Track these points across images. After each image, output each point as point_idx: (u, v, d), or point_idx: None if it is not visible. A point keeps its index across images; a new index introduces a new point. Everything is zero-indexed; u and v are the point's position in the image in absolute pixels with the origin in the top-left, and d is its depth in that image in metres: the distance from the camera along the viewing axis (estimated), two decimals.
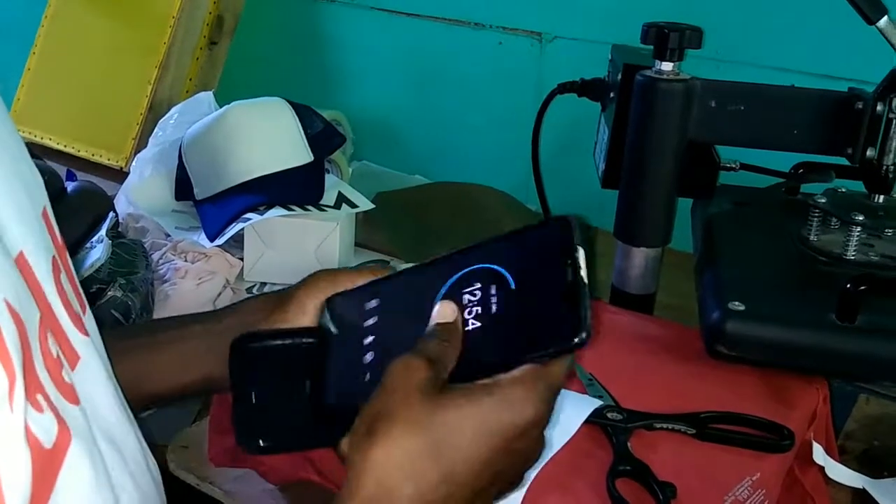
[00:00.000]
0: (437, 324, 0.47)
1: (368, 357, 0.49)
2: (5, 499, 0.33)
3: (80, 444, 0.39)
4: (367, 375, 0.48)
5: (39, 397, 0.37)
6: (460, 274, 0.49)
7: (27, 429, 0.35)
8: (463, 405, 0.44)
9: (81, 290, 0.46)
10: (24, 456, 0.35)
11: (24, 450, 0.35)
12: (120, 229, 1.12)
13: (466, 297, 0.48)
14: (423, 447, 0.43)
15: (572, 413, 0.67)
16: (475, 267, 0.48)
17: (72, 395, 0.41)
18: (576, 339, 0.43)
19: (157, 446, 0.75)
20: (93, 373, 0.44)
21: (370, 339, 0.50)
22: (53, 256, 0.43)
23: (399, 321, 0.50)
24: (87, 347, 0.44)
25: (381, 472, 0.43)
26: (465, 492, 0.45)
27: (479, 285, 0.48)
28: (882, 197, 0.85)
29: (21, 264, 0.39)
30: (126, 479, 0.45)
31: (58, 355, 0.40)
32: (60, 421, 0.38)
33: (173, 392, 0.59)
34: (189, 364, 0.58)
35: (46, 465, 0.37)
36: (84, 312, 0.45)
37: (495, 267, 0.48)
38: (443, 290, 0.48)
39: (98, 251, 0.95)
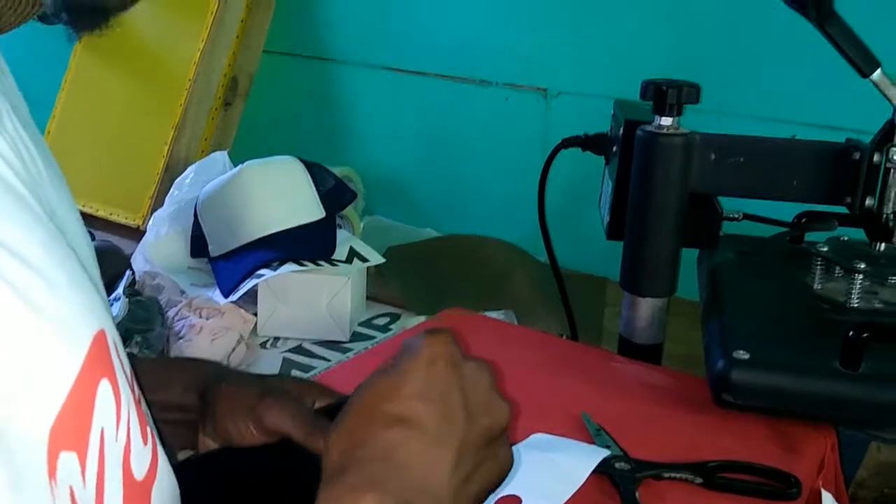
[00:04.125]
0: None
1: None
2: None
3: (158, 481, 0.42)
4: None
5: (148, 429, 0.40)
6: None
7: (125, 458, 0.37)
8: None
9: None
10: (119, 485, 0.37)
11: (119, 479, 0.37)
12: (137, 287, 1.14)
13: None
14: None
15: (580, 463, 0.68)
16: None
17: (144, 434, 0.43)
18: None
19: None
20: (149, 416, 0.46)
21: None
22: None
23: None
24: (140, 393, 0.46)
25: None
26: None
27: None
28: (884, 245, 0.86)
29: None
30: None
31: (138, 394, 0.43)
32: (154, 455, 0.41)
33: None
34: (180, 385, 0.62)
35: (141, 498, 0.39)
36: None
37: None
38: None
39: (115, 309, 0.97)
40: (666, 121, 0.86)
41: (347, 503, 0.42)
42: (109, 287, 1.06)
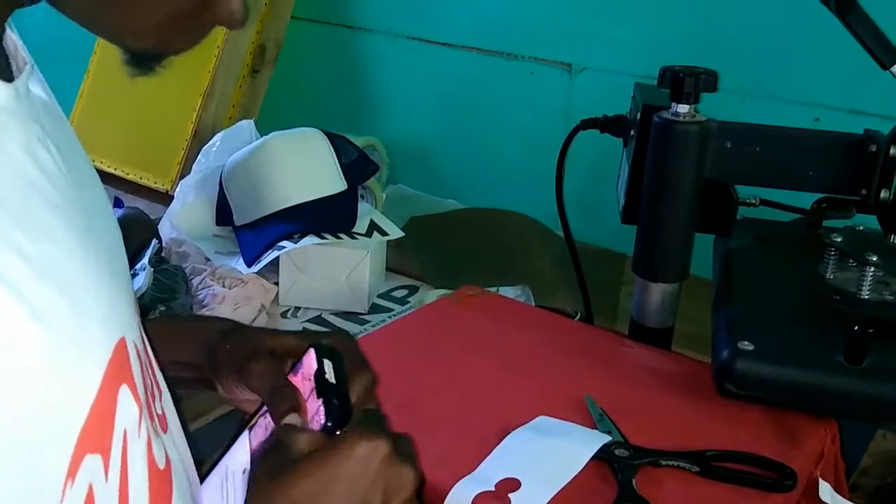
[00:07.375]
0: None
1: None
2: None
3: (173, 467, 0.44)
4: None
5: (156, 422, 0.43)
6: None
7: (149, 451, 0.40)
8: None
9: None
10: (144, 476, 0.40)
11: (144, 470, 0.40)
12: (163, 254, 1.17)
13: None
14: None
15: (580, 449, 0.70)
16: None
17: (164, 424, 0.46)
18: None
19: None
20: (168, 402, 0.49)
21: None
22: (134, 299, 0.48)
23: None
24: (161, 378, 0.49)
25: None
26: None
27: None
28: None
29: None
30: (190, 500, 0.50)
31: (152, 386, 0.45)
32: (171, 440, 0.44)
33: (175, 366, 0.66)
34: (190, 345, 0.65)
35: (163, 484, 0.42)
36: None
37: None
38: None
39: (140, 279, 1.00)
40: (682, 108, 0.86)
41: None
42: (136, 255, 1.09)
